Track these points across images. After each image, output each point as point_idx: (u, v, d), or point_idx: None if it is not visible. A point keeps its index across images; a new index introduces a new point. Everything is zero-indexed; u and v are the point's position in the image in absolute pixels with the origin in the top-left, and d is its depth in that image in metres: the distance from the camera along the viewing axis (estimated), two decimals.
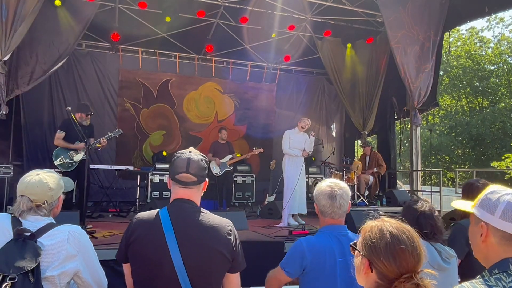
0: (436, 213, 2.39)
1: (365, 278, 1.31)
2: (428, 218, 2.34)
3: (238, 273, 1.95)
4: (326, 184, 2.29)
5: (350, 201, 2.29)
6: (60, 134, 5.94)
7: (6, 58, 5.93)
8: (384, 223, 1.34)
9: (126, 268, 1.92)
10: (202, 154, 1.99)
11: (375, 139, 12.28)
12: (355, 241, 1.40)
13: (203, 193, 2.01)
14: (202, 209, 1.92)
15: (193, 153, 1.95)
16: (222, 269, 1.87)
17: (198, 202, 1.95)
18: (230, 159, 8.35)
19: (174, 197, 1.94)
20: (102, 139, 5.97)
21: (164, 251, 1.76)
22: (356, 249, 1.36)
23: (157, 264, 1.78)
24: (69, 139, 5.89)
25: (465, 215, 2.85)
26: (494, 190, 1.33)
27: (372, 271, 1.28)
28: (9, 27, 5.78)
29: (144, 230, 1.85)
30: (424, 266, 2.04)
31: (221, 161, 8.22)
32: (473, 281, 1.23)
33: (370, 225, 1.36)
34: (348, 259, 2.08)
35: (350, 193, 2.30)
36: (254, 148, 8.30)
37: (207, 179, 1.99)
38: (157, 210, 1.89)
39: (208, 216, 1.89)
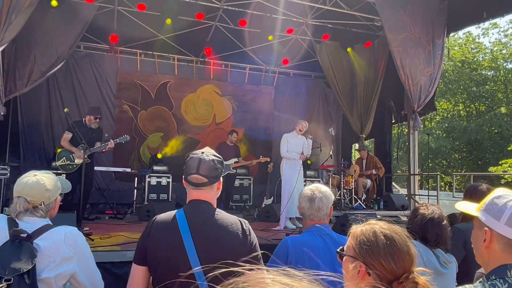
0: (445, 221, 2.35)
1: (359, 283, 1.26)
2: (435, 226, 2.31)
3: None
4: (309, 187, 2.41)
5: (331, 207, 2.37)
6: (67, 135, 5.98)
7: (1, 49, 5.88)
8: (374, 225, 1.32)
9: (137, 269, 1.86)
10: (215, 154, 1.96)
11: (372, 143, 12.30)
12: (342, 247, 1.37)
13: (219, 193, 2.00)
14: (217, 209, 1.91)
15: (205, 153, 1.92)
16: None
17: (213, 202, 1.94)
18: (234, 162, 8.34)
19: (189, 198, 1.94)
20: (111, 141, 5.99)
21: (181, 252, 1.76)
22: (347, 255, 1.31)
23: (174, 264, 1.76)
24: (75, 142, 5.90)
25: (463, 219, 2.85)
26: (501, 194, 1.29)
27: (370, 275, 1.24)
28: (4, 18, 5.71)
29: (161, 231, 1.85)
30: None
31: (225, 163, 8.19)
32: (466, 286, 1.23)
33: (360, 229, 1.33)
34: (332, 258, 2.14)
35: (332, 198, 2.38)
36: (261, 156, 8.33)
37: (221, 179, 1.97)
38: (175, 211, 1.89)
39: (224, 216, 1.88)
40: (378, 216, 5.36)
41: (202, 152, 1.94)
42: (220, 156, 1.99)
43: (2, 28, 5.72)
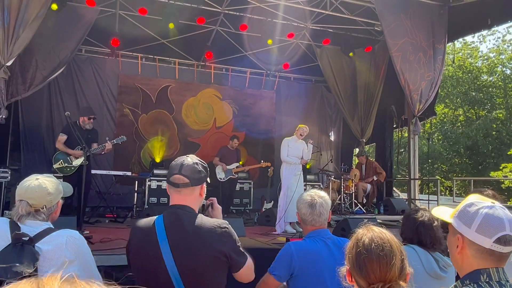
0: (436, 223, 2.37)
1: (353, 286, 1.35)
2: (427, 228, 2.33)
3: (245, 266, 1.91)
4: (307, 193, 2.43)
5: (330, 211, 2.41)
6: (62, 137, 5.95)
7: (9, 64, 5.94)
8: (364, 231, 1.36)
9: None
10: (200, 159, 1.98)
11: (373, 148, 12.30)
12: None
13: (202, 200, 1.99)
14: (198, 214, 1.91)
15: (189, 158, 1.95)
16: (218, 273, 1.85)
17: (194, 206, 1.93)
18: (237, 166, 8.35)
19: (170, 203, 1.94)
20: (108, 143, 5.97)
21: (159, 260, 1.76)
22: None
23: (153, 272, 1.78)
24: (70, 144, 5.88)
25: None
26: (473, 202, 1.31)
27: (352, 280, 1.32)
28: (11, 32, 5.78)
29: (140, 238, 1.87)
30: (420, 274, 2.05)
31: (228, 167, 8.21)
32: None
33: (354, 235, 1.39)
34: (335, 261, 2.17)
35: (330, 202, 2.43)
36: (262, 161, 8.33)
37: (204, 185, 1.97)
38: (155, 217, 1.90)
39: (202, 220, 1.87)
40: (378, 220, 5.35)
41: (187, 156, 1.97)
42: (205, 162, 2.00)
43: (10, 42, 5.79)
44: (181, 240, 1.80)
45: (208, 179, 2.01)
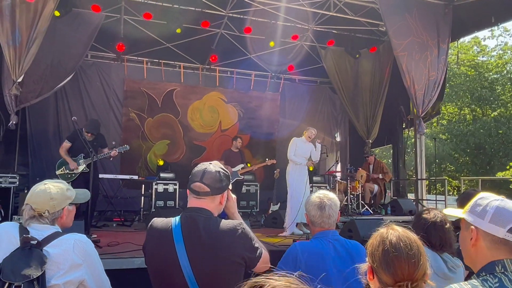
0: (448, 225, 2.35)
1: (371, 284, 1.36)
2: (437, 229, 2.31)
3: (260, 260, 1.89)
4: (316, 195, 2.41)
5: (339, 212, 2.41)
6: (66, 144, 6.01)
7: (20, 80, 6.06)
8: (388, 230, 1.38)
9: None
10: (223, 168, 1.97)
11: (384, 150, 12.21)
12: None
13: (221, 208, 1.98)
14: (214, 216, 1.89)
15: (212, 165, 1.94)
16: (235, 276, 1.83)
17: (213, 212, 1.92)
18: (242, 168, 8.35)
19: (188, 206, 1.93)
20: (115, 150, 6.07)
21: (175, 262, 1.75)
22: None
23: (168, 274, 1.78)
24: (75, 151, 5.93)
25: None
26: (484, 196, 1.38)
27: (373, 278, 1.33)
28: (23, 50, 5.96)
29: (156, 239, 1.86)
30: (430, 275, 2.03)
31: (233, 169, 8.21)
32: (461, 283, 1.28)
33: (377, 233, 1.40)
34: (341, 262, 2.20)
35: (339, 203, 2.42)
36: (267, 159, 8.31)
37: (225, 193, 1.97)
38: (172, 218, 1.88)
39: (219, 223, 1.86)
40: (387, 220, 5.32)
41: (210, 163, 1.95)
42: (227, 171, 1.98)
43: (22, 60, 5.94)
44: (198, 244, 1.79)
45: (230, 186, 2.00)
